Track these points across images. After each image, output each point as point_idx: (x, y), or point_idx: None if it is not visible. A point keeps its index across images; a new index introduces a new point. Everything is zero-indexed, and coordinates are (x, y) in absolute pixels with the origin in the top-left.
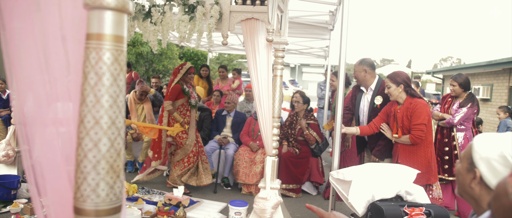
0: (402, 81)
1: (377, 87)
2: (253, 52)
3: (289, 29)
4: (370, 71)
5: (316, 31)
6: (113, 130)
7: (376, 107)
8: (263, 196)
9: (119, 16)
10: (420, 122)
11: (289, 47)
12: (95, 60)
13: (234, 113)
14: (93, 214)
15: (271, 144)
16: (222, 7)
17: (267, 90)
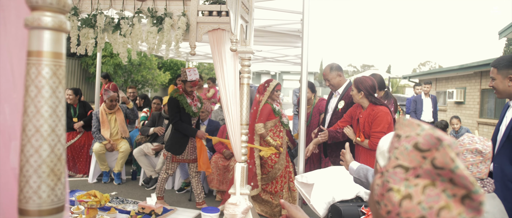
0: (363, 88)
1: (344, 92)
2: (220, 61)
3: (263, 38)
4: (341, 74)
5: (289, 39)
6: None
7: (338, 111)
8: (233, 202)
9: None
10: (379, 130)
11: (266, 55)
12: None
13: (208, 121)
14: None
15: (240, 150)
16: (189, 18)
17: (234, 98)
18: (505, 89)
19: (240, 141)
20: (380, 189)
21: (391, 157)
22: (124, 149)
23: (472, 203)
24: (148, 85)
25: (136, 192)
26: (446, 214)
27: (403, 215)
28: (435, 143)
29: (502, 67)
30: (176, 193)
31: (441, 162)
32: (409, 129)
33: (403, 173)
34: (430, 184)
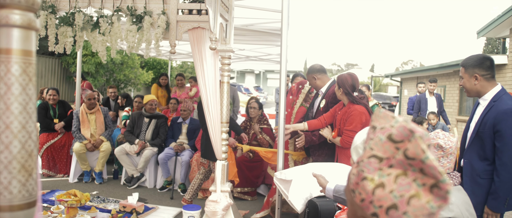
0: (342, 86)
1: (326, 90)
2: (200, 60)
3: (245, 37)
4: (319, 76)
5: (272, 38)
6: (24, 133)
7: (319, 110)
8: (213, 199)
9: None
10: (351, 129)
11: (249, 54)
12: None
13: (190, 120)
14: (7, 209)
15: (221, 148)
16: (169, 17)
17: (214, 96)
18: (471, 87)
19: (221, 139)
20: (355, 178)
21: (366, 147)
22: (105, 148)
23: (440, 192)
24: (131, 85)
25: (118, 191)
26: (416, 202)
27: (376, 203)
28: (408, 134)
29: (468, 66)
30: (158, 192)
31: (413, 153)
32: (384, 120)
33: (377, 163)
34: (402, 174)
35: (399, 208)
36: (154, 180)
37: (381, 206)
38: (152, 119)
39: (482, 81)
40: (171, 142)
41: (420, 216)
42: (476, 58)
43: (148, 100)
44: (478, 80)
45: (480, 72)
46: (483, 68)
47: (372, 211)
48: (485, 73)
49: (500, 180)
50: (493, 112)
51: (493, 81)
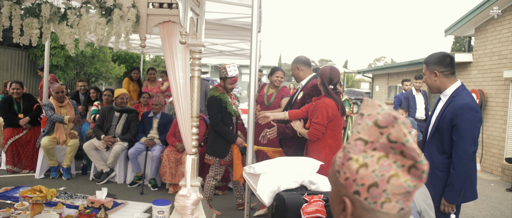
0: (321, 76)
1: (306, 84)
2: (170, 54)
3: (218, 31)
4: (303, 68)
5: (245, 33)
6: None
7: (297, 102)
8: (183, 194)
9: None
10: (317, 121)
11: (222, 49)
12: None
13: (161, 114)
14: None
15: (191, 143)
16: (139, 10)
17: (185, 91)
18: (432, 83)
19: (191, 134)
20: (341, 159)
21: (354, 131)
22: (73, 143)
23: (417, 172)
24: (102, 79)
25: (87, 186)
26: (394, 181)
27: (359, 181)
28: (392, 120)
29: (429, 63)
30: (128, 187)
31: (396, 136)
32: (371, 108)
33: (362, 145)
34: (384, 156)
35: (380, 186)
36: (124, 175)
37: (363, 184)
38: (123, 113)
39: (442, 78)
40: (142, 137)
41: (397, 194)
42: (437, 56)
43: (119, 94)
44: (438, 76)
45: (440, 69)
46: (443, 65)
47: (355, 189)
48: (444, 70)
49: (456, 172)
50: (451, 107)
51: (453, 77)
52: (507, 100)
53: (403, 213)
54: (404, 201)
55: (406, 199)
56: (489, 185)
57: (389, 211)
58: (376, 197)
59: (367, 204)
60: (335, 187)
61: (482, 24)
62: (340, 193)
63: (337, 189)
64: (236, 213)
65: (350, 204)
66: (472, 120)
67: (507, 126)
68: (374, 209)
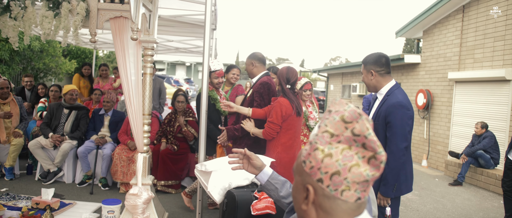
0: (278, 77)
1: (256, 81)
2: (122, 50)
3: (173, 28)
4: (257, 64)
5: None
6: None
7: (246, 100)
8: (134, 192)
9: None
10: (272, 120)
11: (178, 46)
12: None
13: (112, 112)
14: None
15: (142, 141)
16: (89, 4)
17: (136, 88)
18: (369, 82)
19: (142, 131)
20: (308, 150)
21: (322, 125)
22: (16, 142)
23: (376, 162)
24: (52, 74)
25: (32, 187)
26: (355, 170)
27: (323, 169)
28: (357, 116)
29: (366, 63)
30: (77, 187)
31: (359, 130)
32: (339, 106)
33: (328, 138)
34: (347, 148)
35: (341, 174)
36: (73, 174)
37: (327, 172)
38: (72, 110)
39: (377, 77)
40: (93, 135)
41: (357, 182)
42: (373, 56)
43: (68, 91)
44: (374, 75)
45: (376, 69)
46: (378, 65)
47: (319, 177)
48: (379, 69)
49: (389, 167)
50: (386, 105)
51: (388, 76)
52: (451, 100)
53: (360, 203)
54: (361, 191)
55: (363, 189)
56: (434, 180)
57: (348, 199)
58: (337, 185)
59: (329, 192)
60: (299, 177)
61: (429, 27)
62: (304, 182)
63: (301, 178)
64: (188, 212)
65: (313, 191)
66: (403, 117)
67: (451, 124)
68: (335, 196)
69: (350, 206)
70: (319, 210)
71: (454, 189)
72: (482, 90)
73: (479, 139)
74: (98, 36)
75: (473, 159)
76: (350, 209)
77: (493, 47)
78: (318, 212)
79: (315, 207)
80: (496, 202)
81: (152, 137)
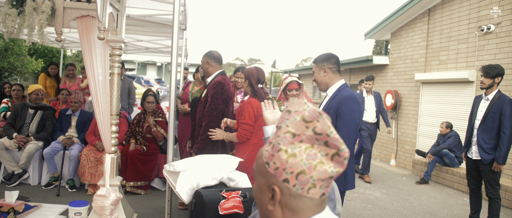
0: (248, 78)
1: (211, 81)
2: (89, 50)
3: (144, 27)
4: (213, 63)
5: (170, 30)
6: None
7: (201, 100)
8: (102, 194)
9: None
10: (244, 121)
11: (149, 46)
12: None
13: (80, 112)
14: None
15: (110, 141)
16: (55, 2)
17: (104, 88)
18: (321, 79)
19: (110, 132)
20: (270, 151)
21: (282, 126)
22: None
23: (339, 159)
24: (17, 74)
25: None
26: (320, 167)
27: (288, 170)
28: (317, 115)
29: (318, 61)
30: (43, 189)
31: (321, 129)
32: (298, 106)
33: (291, 138)
34: (309, 147)
35: (307, 173)
36: (39, 176)
37: (293, 172)
38: (38, 110)
39: (330, 74)
40: (59, 135)
41: (322, 179)
42: (325, 55)
43: (33, 90)
44: (327, 72)
45: (328, 66)
46: (330, 62)
47: (284, 177)
48: (332, 67)
49: None
50: (337, 98)
51: (338, 75)
52: (418, 101)
53: (324, 198)
54: (325, 187)
55: (326, 185)
56: (402, 179)
57: (314, 196)
58: (304, 184)
59: (295, 191)
60: (263, 178)
61: (397, 29)
62: (268, 183)
63: (265, 179)
64: (158, 212)
65: (279, 191)
66: (355, 110)
67: (418, 124)
68: (301, 194)
69: (315, 202)
70: (285, 209)
71: (420, 187)
72: (447, 91)
73: (444, 138)
74: (65, 35)
75: (438, 157)
76: (315, 205)
77: (457, 49)
78: (284, 211)
79: (281, 206)
80: (460, 200)
81: (120, 138)
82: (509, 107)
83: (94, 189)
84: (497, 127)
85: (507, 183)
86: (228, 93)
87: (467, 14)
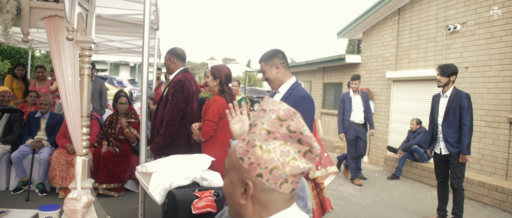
0: (219, 76)
1: (173, 79)
2: (57, 51)
3: (115, 28)
4: (175, 61)
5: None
6: None
7: (163, 99)
8: (73, 197)
9: None
10: (209, 118)
11: (121, 46)
12: None
13: (49, 114)
14: None
15: (81, 143)
16: (21, 2)
17: (74, 89)
18: (275, 76)
19: (81, 134)
20: (245, 147)
21: (258, 123)
22: None
23: (311, 156)
24: None
25: None
26: (293, 163)
27: (262, 165)
28: (291, 114)
29: (267, 59)
30: (11, 194)
31: (295, 127)
32: (273, 105)
33: (266, 135)
34: (283, 144)
35: (280, 168)
36: (7, 181)
37: (267, 167)
38: (4, 112)
39: (282, 69)
40: (28, 138)
41: (294, 174)
42: (271, 51)
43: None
44: (279, 68)
45: (279, 61)
46: (280, 58)
47: (258, 172)
48: (282, 62)
49: None
50: (292, 97)
51: (288, 70)
52: (390, 98)
53: (293, 194)
54: (296, 183)
55: (297, 181)
56: (374, 175)
57: (285, 191)
58: (277, 178)
59: (268, 185)
60: (236, 173)
61: (368, 28)
62: (241, 178)
63: (238, 174)
64: (131, 215)
65: (252, 186)
66: (310, 110)
67: (390, 121)
68: (274, 189)
69: (286, 197)
70: (256, 203)
71: (392, 182)
72: (417, 88)
73: (414, 135)
74: (33, 35)
75: (408, 153)
76: (285, 200)
77: (426, 48)
78: (255, 205)
79: (253, 200)
80: (429, 193)
81: (92, 140)
82: (467, 101)
83: (65, 192)
84: (459, 121)
85: (471, 176)
86: (189, 91)
87: (435, 14)
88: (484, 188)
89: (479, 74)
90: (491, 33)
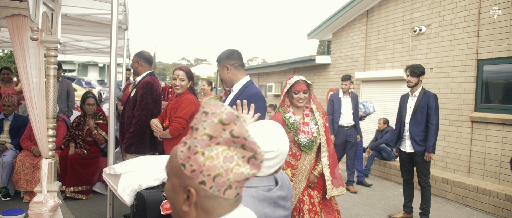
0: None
1: (140, 81)
2: (21, 51)
3: (83, 27)
4: (143, 63)
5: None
6: None
7: (130, 99)
8: (39, 200)
9: None
10: (181, 116)
11: (89, 46)
12: None
13: (13, 116)
14: None
15: (47, 146)
16: None
17: (39, 91)
18: (226, 77)
19: (47, 136)
20: (186, 153)
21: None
22: None
23: (255, 161)
24: None
25: None
26: (237, 170)
27: (205, 172)
28: (234, 118)
29: (220, 59)
30: None
31: (238, 132)
32: (215, 107)
33: (208, 140)
34: (226, 149)
35: (224, 175)
36: None
37: (210, 175)
38: None
39: (233, 70)
40: None
41: (238, 180)
42: (226, 52)
43: None
44: (229, 69)
45: (230, 62)
46: (232, 59)
47: (201, 180)
48: (234, 62)
49: None
50: (244, 95)
51: (242, 70)
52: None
53: (238, 198)
54: (240, 187)
55: (241, 186)
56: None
57: (229, 197)
58: (220, 186)
59: (212, 193)
60: (178, 179)
61: (338, 30)
62: (184, 184)
63: (180, 181)
64: (99, 217)
65: (195, 193)
66: (260, 108)
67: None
68: (217, 196)
69: (230, 202)
70: (199, 210)
71: None
72: (384, 88)
73: (382, 134)
74: None
75: (376, 152)
76: (229, 205)
77: (393, 49)
78: (198, 212)
79: (196, 207)
80: (396, 191)
81: (59, 142)
82: (435, 101)
83: (30, 196)
84: (425, 120)
85: (437, 173)
86: (157, 93)
87: (401, 16)
88: (447, 185)
89: (443, 75)
90: (454, 35)
